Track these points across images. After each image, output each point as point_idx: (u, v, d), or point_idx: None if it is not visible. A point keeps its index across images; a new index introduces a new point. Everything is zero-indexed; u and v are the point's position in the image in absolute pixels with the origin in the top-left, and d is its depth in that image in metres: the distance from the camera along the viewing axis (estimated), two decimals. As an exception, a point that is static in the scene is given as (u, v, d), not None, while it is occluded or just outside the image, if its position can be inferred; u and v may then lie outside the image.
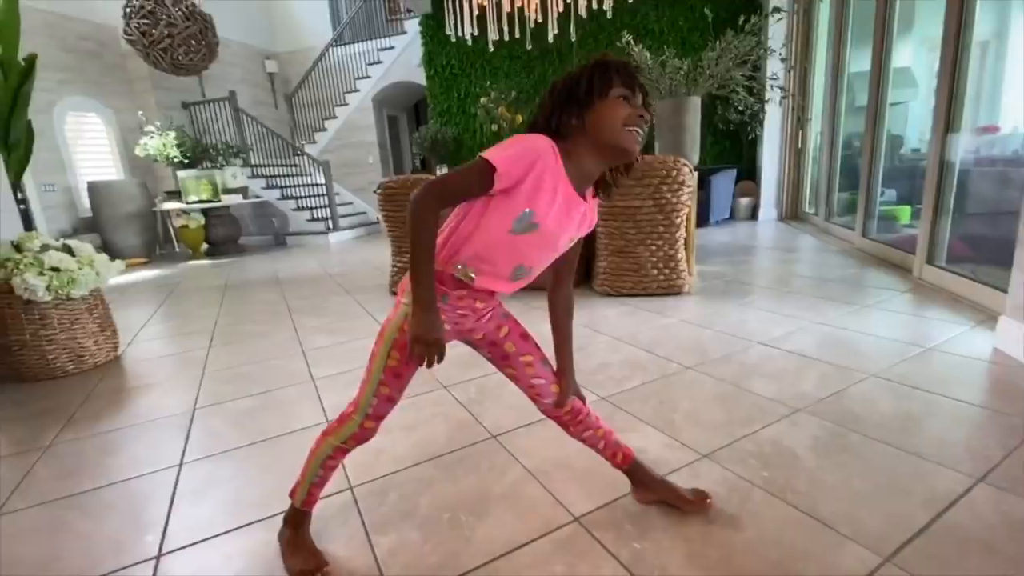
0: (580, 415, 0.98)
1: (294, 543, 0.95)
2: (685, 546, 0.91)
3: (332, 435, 0.92)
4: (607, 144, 0.77)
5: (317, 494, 0.96)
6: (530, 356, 0.94)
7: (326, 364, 1.99)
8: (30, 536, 1.07)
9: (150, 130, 5.84)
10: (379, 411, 0.89)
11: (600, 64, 0.77)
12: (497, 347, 0.93)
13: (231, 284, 4.03)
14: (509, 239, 0.77)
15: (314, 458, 0.93)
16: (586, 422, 0.99)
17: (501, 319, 0.93)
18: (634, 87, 0.77)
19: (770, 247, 3.88)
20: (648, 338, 2.01)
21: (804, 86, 4.85)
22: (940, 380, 1.47)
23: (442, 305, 0.82)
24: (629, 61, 0.80)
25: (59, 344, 2.04)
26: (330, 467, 0.94)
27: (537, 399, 0.96)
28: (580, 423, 0.98)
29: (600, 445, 1.00)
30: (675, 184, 2.43)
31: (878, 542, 0.88)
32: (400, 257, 3.10)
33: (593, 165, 0.79)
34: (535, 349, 0.95)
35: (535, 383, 0.94)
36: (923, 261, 2.54)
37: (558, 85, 0.80)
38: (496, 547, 0.94)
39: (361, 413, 0.89)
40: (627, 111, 0.76)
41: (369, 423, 0.90)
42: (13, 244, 2.02)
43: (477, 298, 0.85)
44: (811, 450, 1.17)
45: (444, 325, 0.81)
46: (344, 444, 0.91)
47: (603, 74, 0.76)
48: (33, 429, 1.60)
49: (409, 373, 0.87)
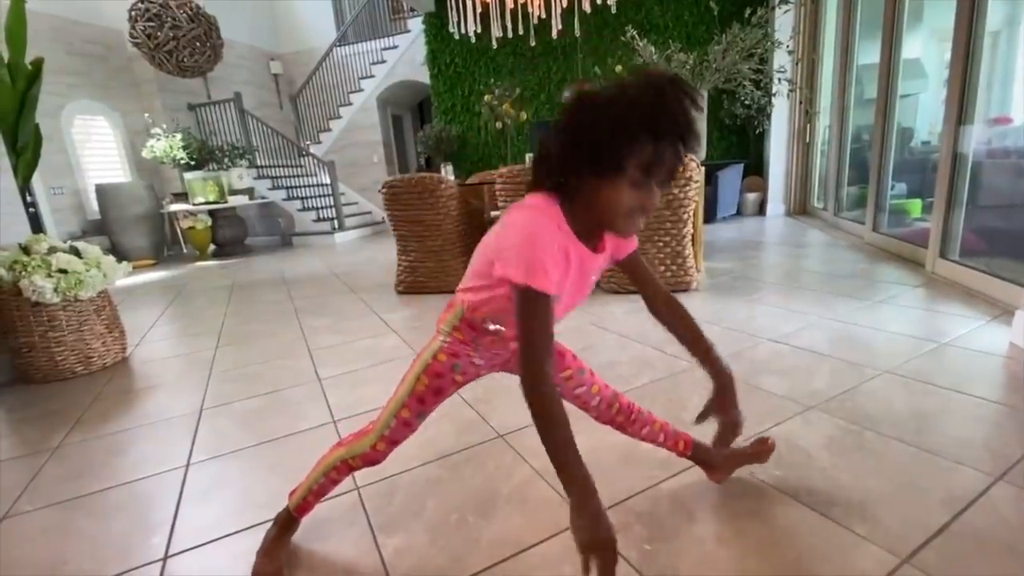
0: (633, 413, 0.97)
1: (271, 545, 0.94)
2: (697, 547, 0.89)
3: (344, 447, 0.91)
4: (603, 223, 0.70)
5: (313, 503, 0.95)
6: (568, 371, 0.92)
7: (332, 364, 1.99)
8: (38, 538, 1.07)
9: (157, 132, 5.87)
10: (394, 435, 0.88)
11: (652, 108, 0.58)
12: None
13: (238, 284, 4.04)
14: None
15: (321, 466, 0.93)
16: (641, 419, 0.98)
17: None
18: (675, 147, 0.61)
19: (778, 242, 3.84)
20: (656, 336, 1.99)
21: (812, 79, 4.79)
22: (955, 376, 1.44)
23: (475, 346, 0.83)
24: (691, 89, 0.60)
25: (67, 346, 2.05)
26: (332, 479, 0.92)
27: (585, 407, 0.95)
28: (635, 421, 0.97)
29: (661, 438, 0.99)
30: (682, 180, 2.40)
31: (895, 543, 0.86)
32: (406, 256, 3.09)
33: (596, 227, 0.73)
34: (572, 361, 0.93)
35: (578, 392, 0.94)
36: (936, 255, 2.50)
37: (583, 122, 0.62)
38: (505, 548, 0.93)
39: (377, 434, 0.88)
40: (636, 200, 0.64)
41: (382, 445, 0.88)
42: (21, 247, 2.03)
43: (511, 341, 0.83)
44: (825, 449, 1.15)
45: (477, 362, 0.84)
46: (352, 461, 0.90)
47: (643, 127, 0.58)
48: (42, 430, 1.61)
49: (433, 402, 0.86)
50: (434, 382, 0.84)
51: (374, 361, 1.98)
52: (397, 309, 2.77)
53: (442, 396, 0.86)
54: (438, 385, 0.84)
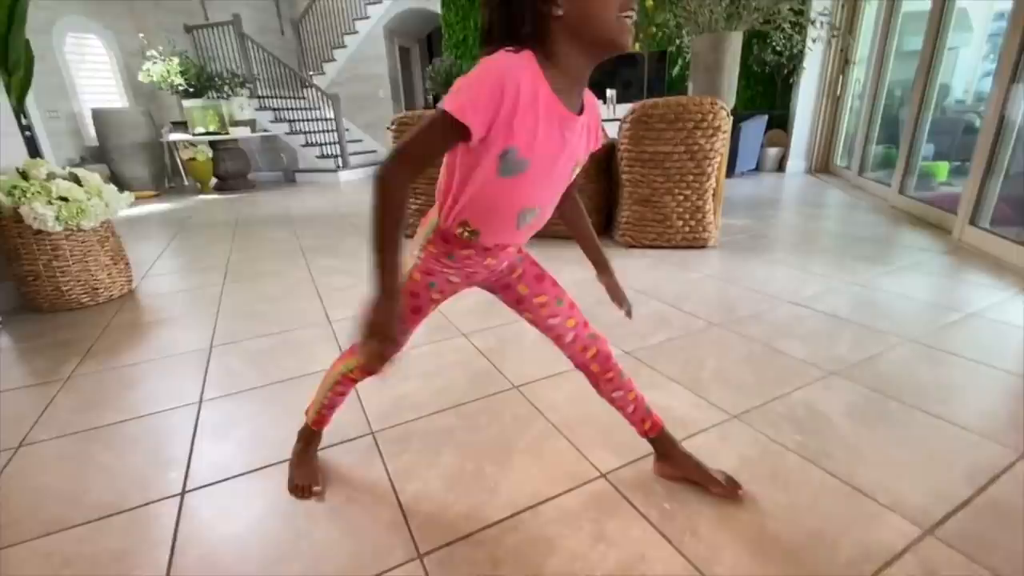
0: (611, 371, 0.91)
1: (300, 458, 1.02)
2: (715, 509, 0.88)
3: (342, 362, 0.93)
4: (597, 38, 0.61)
5: (328, 416, 1.01)
6: (544, 296, 0.87)
7: (343, 306, 1.96)
8: (56, 467, 1.08)
9: (152, 55, 5.58)
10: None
11: None
12: (511, 290, 0.87)
13: (242, 220, 3.96)
14: (500, 184, 0.66)
15: (327, 382, 0.96)
16: (617, 381, 0.92)
17: (515, 262, 0.86)
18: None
19: (799, 201, 3.72)
20: (672, 292, 1.95)
21: (852, 25, 4.48)
22: (982, 348, 1.41)
23: (448, 262, 0.78)
24: None
25: (72, 276, 2.02)
26: (339, 392, 0.96)
27: (559, 342, 0.89)
28: (611, 380, 0.91)
29: (629, 409, 0.94)
30: (710, 129, 2.28)
31: (919, 514, 0.85)
32: (415, 199, 3.00)
33: (583, 66, 0.64)
34: (551, 288, 0.87)
35: (551, 323, 0.87)
36: (965, 222, 2.41)
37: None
38: (521, 500, 0.92)
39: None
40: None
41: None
42: (19, 171, 1.95)
43: (487, 255, 0.78)
44: (846, 416, 1.13)
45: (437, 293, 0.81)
46: (351, 373, 0.92)
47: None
48: (52, 360, 1.60)
49: (414, 321, 0.83)
50: (411, 301, 0.81)
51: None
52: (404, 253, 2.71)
53: (421, 314, 0.83)
54: (415, 304, 0.81)
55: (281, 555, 0.83)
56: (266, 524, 0.90)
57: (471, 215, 0.71)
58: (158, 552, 0.84)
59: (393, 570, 0.79)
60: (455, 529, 0.86)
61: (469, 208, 0.70)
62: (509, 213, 0.71)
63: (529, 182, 0.67)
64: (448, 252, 0.77)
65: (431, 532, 0.86)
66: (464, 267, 0.79)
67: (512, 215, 0.71)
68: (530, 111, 0.61)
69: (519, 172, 0.65)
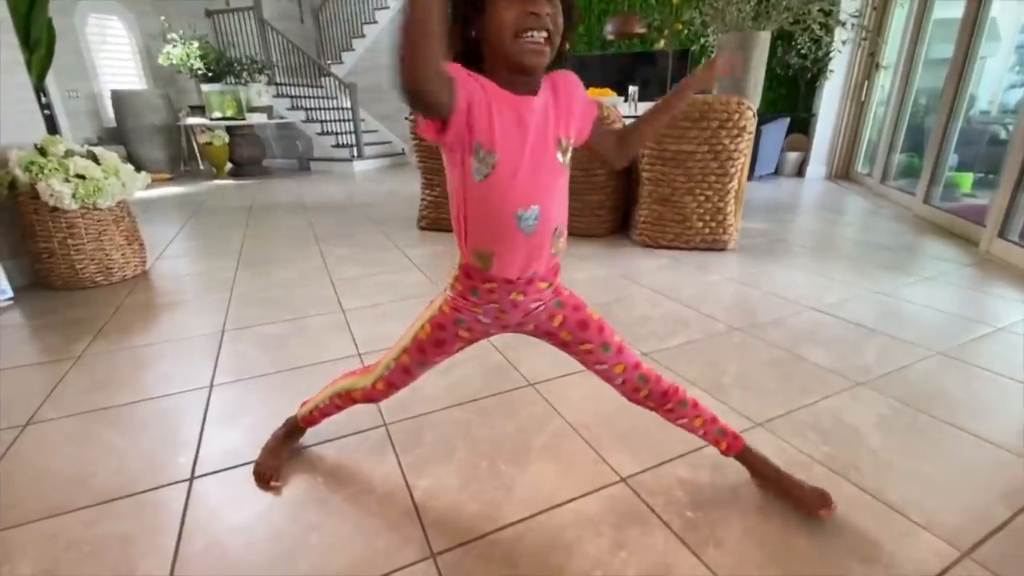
0: (668, 403, 0.86)
1: (276, 444, 1.00)
2: (741, 520, 0.85)
3: (351, 378, 0.93)
4: (504, 59, 0.63)
5: (319, 419, 0.99)
6: (589, 344, 0.81)
7: (355, 296, 1.94)
8: (63, 447, 1.06)
9: (173, 38, 5.59)
10: (392, 378, 0.86)
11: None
12: (554, 336, 0.83)
13: (256, 206, 3.96)
14: (482, 188, 0.66)
15: (329, 388, 0.96)
16: (678, 411, 0.86)
17: (553, 307, 0.80)
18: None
19: (819, 207, 3.65)
20: (691, 294, 1.90)
21: (881, 28, 4.38)
22: (1013, 364, 1.36)
23: (474, 299, 0.76)
24: None
25: (87, 254, 2.01)
26: (336, 405, 0.95)
27: (610, 383, 0.87)
28: (670, 411, 0.86)
29: (699, 433, 0.89)
30: (735, 129, 2.23)
31: (954, 535, 0.81)
32: (431, 191, 2.97)
33: (518, 82, 0.65)
34: (596, 335, 0.81)
35: (598, 368, 0.85)
36: (994, 234, 2.34)
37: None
38: (538, 501, 0.90)
39: (378, 373, 0.87)
40: (514, 12, 0.59)
41: (381, 385, 0.87)
42: (37, 148, 1.94)
43: (512, 289, 0.74)
44: (876, 428, 1.09)
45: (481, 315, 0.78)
46: (353, 393, 0.91)
47: None
48: (64, 338, 1.59)
49: (434, 354, 0.82)
50: (436, 333, 0.79)
51: (396, 296, 1.92)
52: (420, 245, 2.69)
53: (443, 349, 0.81)
54: (440, 337, 0.79)
55: (290, 548, 0.80)
56: (275, 514, 0.88)
57: (476, 234, 0.70)
58: (165, 539, 0.82)
59: (406, 568, 0.76)
60: (470, 528, 0.84)
61: (473, 226, 0.70)
62: (505, 217, 0.68)
63: (508, 176, 0.66)
64: (472, 287, 0.74)
65: (445, 530, 0.83)
66: (490, 302, 0.75)
67: (509, 219, 0.68)
68: (481, 103, 0.62)
69: (492, 168, 0.65)
